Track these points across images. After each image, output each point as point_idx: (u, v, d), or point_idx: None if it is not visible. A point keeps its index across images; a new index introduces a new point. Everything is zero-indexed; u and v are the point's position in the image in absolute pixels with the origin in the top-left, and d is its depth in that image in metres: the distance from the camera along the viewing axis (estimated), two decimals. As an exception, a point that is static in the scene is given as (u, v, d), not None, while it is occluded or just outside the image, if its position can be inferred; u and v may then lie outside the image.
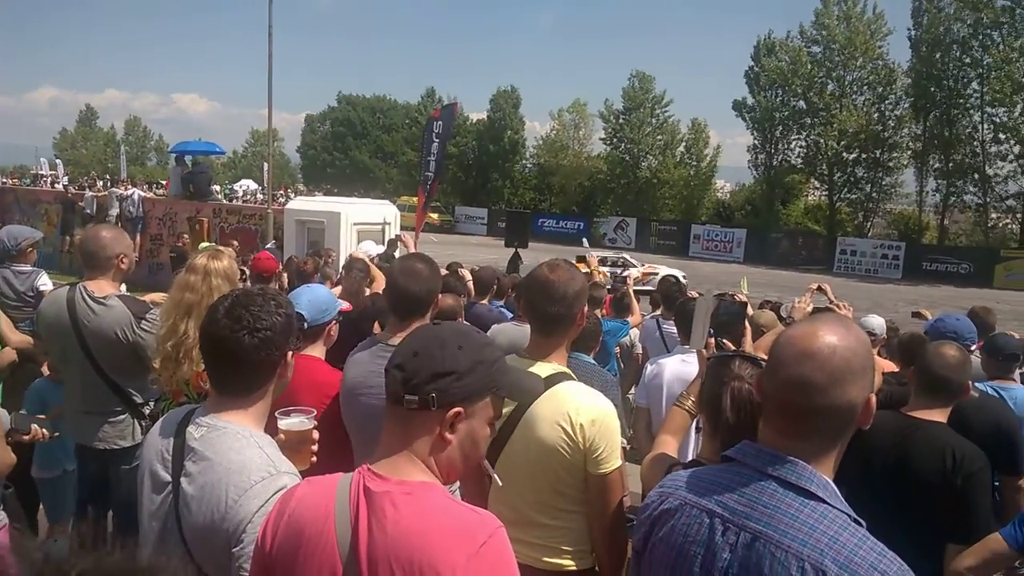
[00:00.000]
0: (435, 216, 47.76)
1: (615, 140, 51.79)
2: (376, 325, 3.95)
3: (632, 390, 6.30)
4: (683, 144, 51.02)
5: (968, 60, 38.99)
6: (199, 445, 1.81)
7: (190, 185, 17.28)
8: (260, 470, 1.75)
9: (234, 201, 23.71)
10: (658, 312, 6.47)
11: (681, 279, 9.02)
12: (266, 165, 24.61)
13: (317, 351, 2.94)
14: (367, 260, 5.80)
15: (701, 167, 50.67)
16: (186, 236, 15.85)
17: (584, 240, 26.96)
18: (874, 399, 1.41)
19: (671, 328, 5.62)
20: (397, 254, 8.37)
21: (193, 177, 17.40)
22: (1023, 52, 36.53)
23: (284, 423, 2.11)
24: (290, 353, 1.97)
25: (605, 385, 4.06)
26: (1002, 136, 38.20)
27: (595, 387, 3.80)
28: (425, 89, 62.83)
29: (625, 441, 4.55)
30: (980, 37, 38.20)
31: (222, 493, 1.72)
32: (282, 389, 2.01)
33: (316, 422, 2.16)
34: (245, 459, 1.77)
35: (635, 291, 8.23)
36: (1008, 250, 35.52)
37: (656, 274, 16.47)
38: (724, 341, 2.38)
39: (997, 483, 3.63)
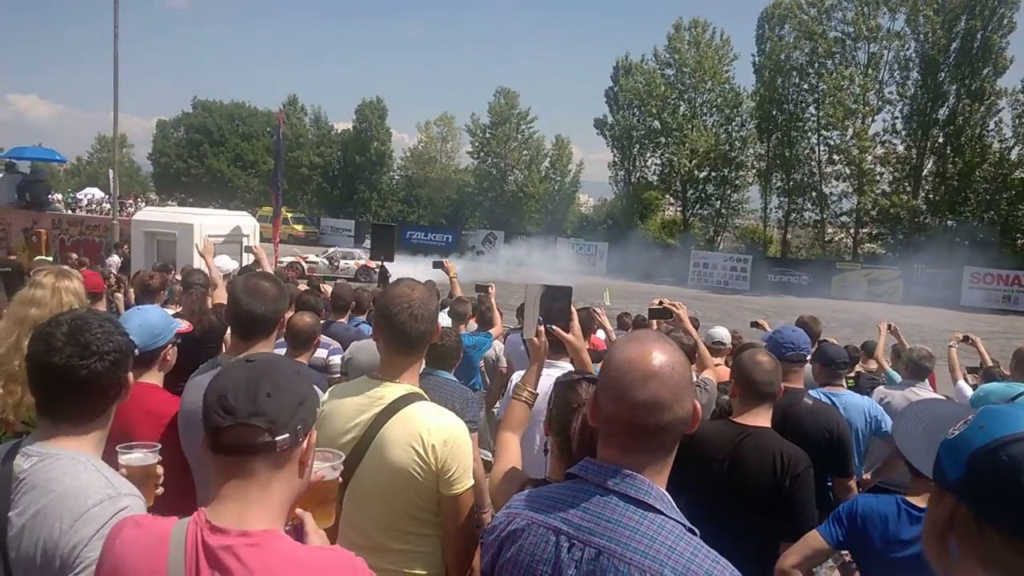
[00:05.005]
0: (299, 228, 46.53)
1: (482, 154, 52.44)
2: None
3: (497, 404, 6.31)
4: (548, 159, 52.34)
5: (806, 86, 42.33)
6: (29, 475, 1.64)
7: (26, 194, 16.02)
8: (97, 493, 1.61)
9: (77, 211, 22.07)
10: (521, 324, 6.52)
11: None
12: (112, 172, 23.08)
13: (153, 378, 2.73)
14: (206, 272, 5.51)
15: (565, 182, 52.23)
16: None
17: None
18: (700, 406, 1.51)
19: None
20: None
21: (29, 185, 16.16)
22: (852, 80, 40.12)
23: (125, 458, 1.96)
24: (130, 374, 1.86)
25: (466, 402, 4.06)
26: (836, 157, 41.74)
27: (456, 405, 3.85)
28: (287, 96, 61.07)
29: (490, 455, 4.57)
30: (816, 65, 41.59)
31: (55, 521, 1.58)
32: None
33: (160, 456, 2.04)
34: (81, 483, 1.63)
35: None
36: (843, 263, 38.72)
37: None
38: (553, 328, 2.46)
39: (830, 483, 3.92)
